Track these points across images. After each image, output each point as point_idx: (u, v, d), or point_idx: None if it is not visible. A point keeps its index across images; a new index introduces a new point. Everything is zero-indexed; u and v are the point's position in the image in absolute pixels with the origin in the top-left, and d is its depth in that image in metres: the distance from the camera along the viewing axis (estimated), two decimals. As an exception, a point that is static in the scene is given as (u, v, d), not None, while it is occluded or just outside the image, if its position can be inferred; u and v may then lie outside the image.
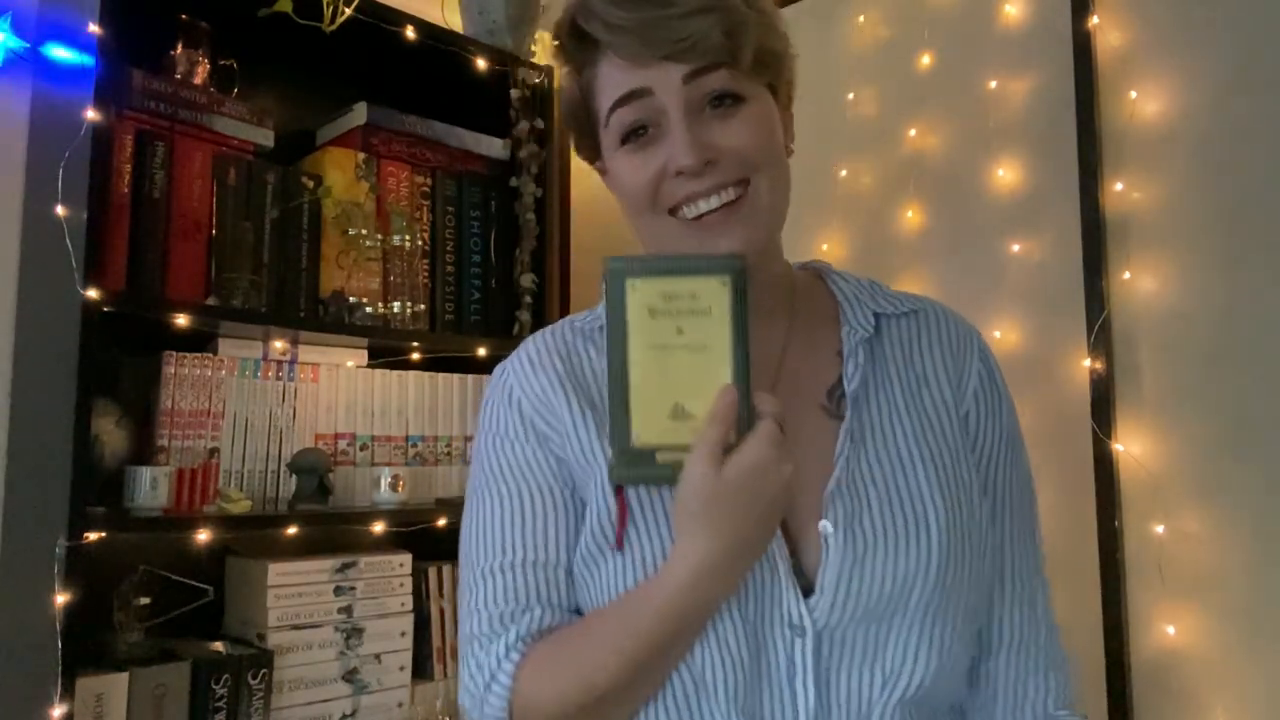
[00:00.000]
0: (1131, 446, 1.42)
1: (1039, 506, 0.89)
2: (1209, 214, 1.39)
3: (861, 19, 1.80)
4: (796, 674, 0.74)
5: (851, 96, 1.79)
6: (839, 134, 1.77)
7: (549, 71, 1.97)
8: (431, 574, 1.72)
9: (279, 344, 1.62)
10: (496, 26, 1.91)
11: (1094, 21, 1.50)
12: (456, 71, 1.87)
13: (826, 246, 1.78)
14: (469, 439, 1.85)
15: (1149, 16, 1.46)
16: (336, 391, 1.69)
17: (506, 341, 1.84)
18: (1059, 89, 1.53)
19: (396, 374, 1.77)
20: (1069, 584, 1.36)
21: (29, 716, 1.26)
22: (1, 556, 1.42)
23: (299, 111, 1.81)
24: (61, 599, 1.24)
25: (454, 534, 1.66)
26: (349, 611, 1.59)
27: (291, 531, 1.57)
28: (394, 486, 1.65)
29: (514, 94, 1.91)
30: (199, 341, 1.54)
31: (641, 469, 0.69)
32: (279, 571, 1.52)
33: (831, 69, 1.79)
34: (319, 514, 1.56)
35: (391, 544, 1.70)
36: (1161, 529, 1.39)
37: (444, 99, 1.90)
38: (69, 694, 1.23)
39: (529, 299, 1.89)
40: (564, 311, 2.13)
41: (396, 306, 1.74)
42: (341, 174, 1.69)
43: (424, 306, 1.78)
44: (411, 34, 1.76)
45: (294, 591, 1.53)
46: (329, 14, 1.63)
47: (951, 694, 0.80)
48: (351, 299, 1.68)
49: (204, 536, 1.41)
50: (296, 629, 1.52)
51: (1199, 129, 1.41)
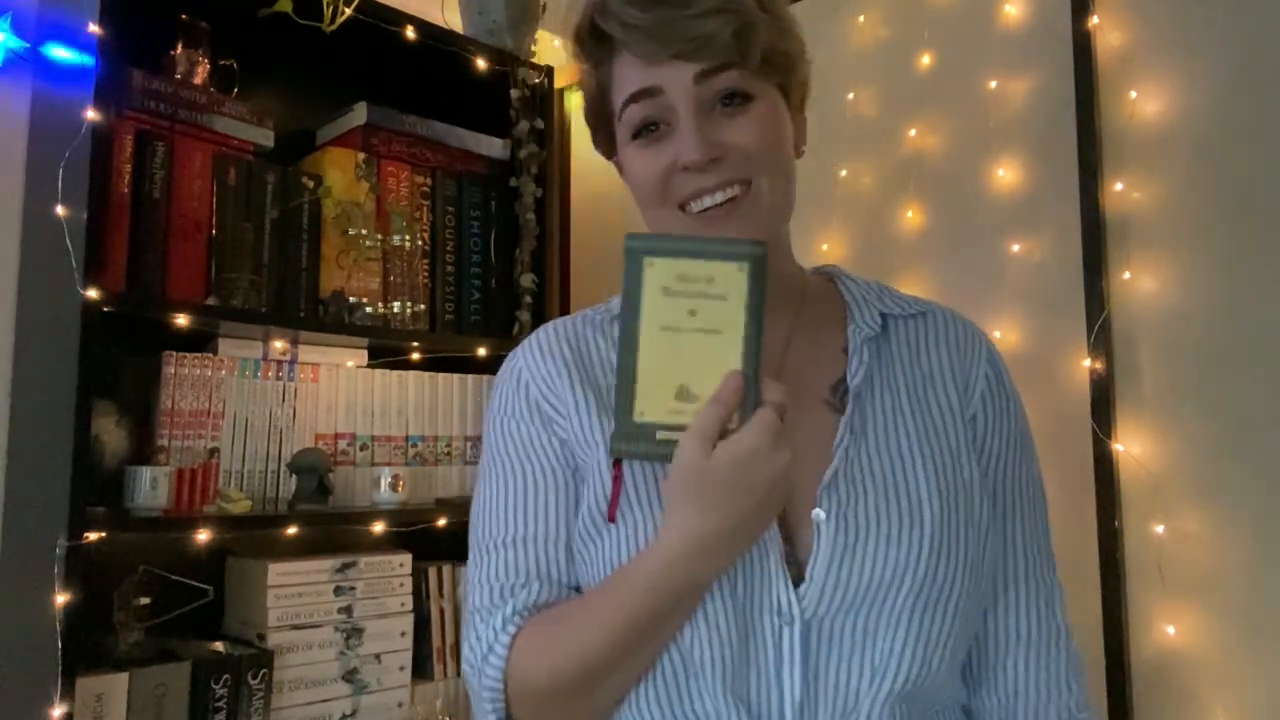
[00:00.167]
0: (1131, 446, 1.43)
1: (1046, 504, 0.90)
2: (1209, 214, 1.39)
3: (861, 19, 1.80)
4: (784, 662, 0.74)
5: (851, 96, 1.79)
6: (839, 134, 1.77)
7: (549, 71, 1.97)
8: (431, 574, 1.72)
9: (279, 344, 1.62)
10: (496, 26, 1.91)
11: (1094, 21, 1.50)
12: (456, 71, 1.87)
13: (826, 246, 1.78)
14: (469, 439, 1.85)
15: (1149, 16, 1.47)
16: (336, 391, 1.69)
17: (506, 341, 1.84)
18: (1059, 89, 1.53)
19: (396, 374, 1.77)
20: (1069, 584, 1.35)
21: (29, 716, 1.26)
22: (1, 556, 1.42)
23: (299, 111, 1.81)
24: (61, 599, 1.24)
25: (454, 534, 1.69)
26: (349, 611, 1.59)
27: (291, 531, 1.57)
28: (394, 486, 1.65)
29: (514, 94, 1.91)
30: (199, 341, 1.54)
31: (640, 445, 0.70)
32: (279, 571, 1.52)
33: (831, 69, 1.79)
34: (319, 514, 1.56)
35: (391, 544, 1.70)
36: (1161, 529, 1.39)
37: (444, 99, 1.90)
38: (69, 694, 1.23)
39: (529, 299, 1.89)
40: (564, 311, 2.13)
41: (396, 306, 1.74)
42: (341, 174, 1.69)
43: (424, 306, 1.78)
44: (411, 34, 1.76)
45: (294, 591, 1.53)
46: (329, 14, 1.63)
47: (945, 693, 0.80)
48: (351, 299, 1.68)
49: (204, 536, 1.41)
50: (296, 629, 1.52)
51: (1199, 129, 1.41)
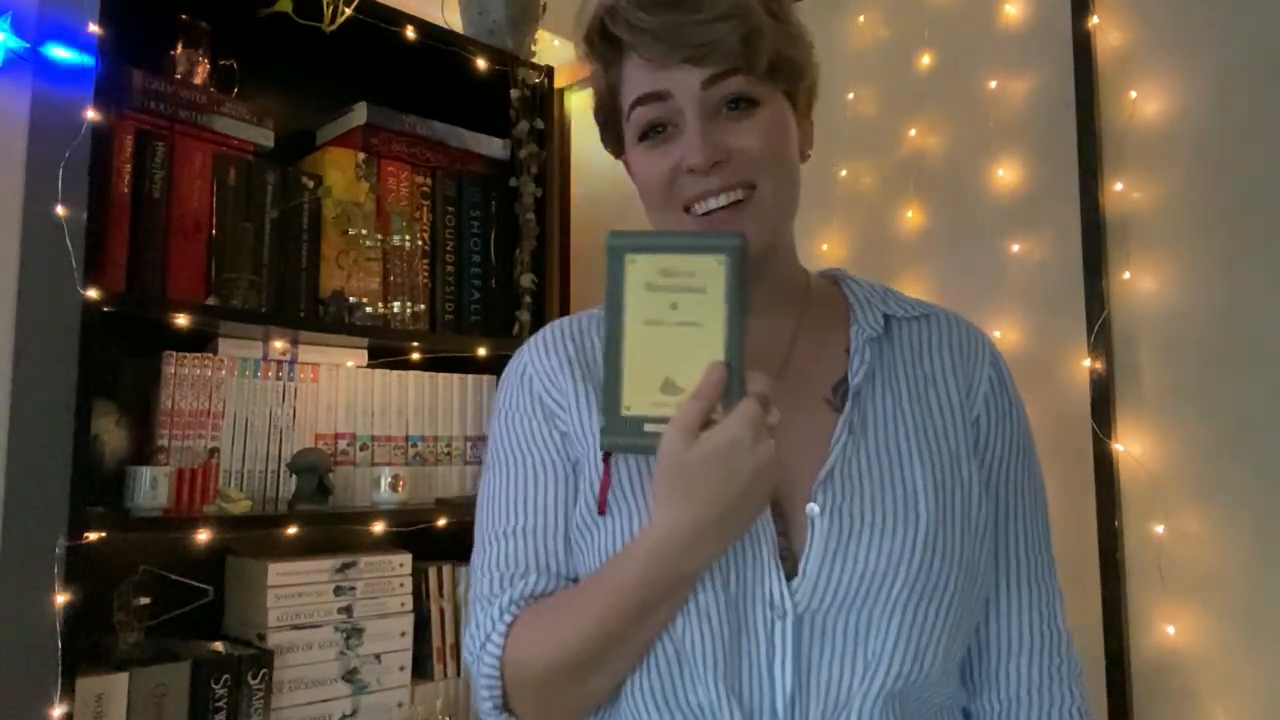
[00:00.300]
0: (1131, 446, 1.43)
1: (1048, 509, 0.90)
2: (1209, 214, 1.39)
3: (861, 19, 1.80)
4: (776, 655, 0.75)
5: (851, 96, 1.79)
6: (839, 134, 1.77)
7: (549, 71, 1.97)
8: (431, 574, 1.72)
9: (279, 344, 1.62)
10: (496, 26, 1.91)
11: (1094, 21, 1.50)
12: (456, 71, 1.87)
13: (826, 246, 1.78)
14: (469, 439, 1.85)
15: (1149, 16, 1.46)
16: (336, 391, 1.69)
17: (506, 341, 1.84)
18: (1059, 89, 1.53)
19: (396, 374, 1.77)
20: (1069, 584, 1.35)
21: (29, 716, 1.26)
22: (1, 556, 1.43)
23: (299, 111, 1.81)
24: (61, 599, 1.24)
25: (454, 534, 1.69)
26: (349, 611, 1.59)
27: (291, 531, 1.57)
28: (394, 486, 1.65)
29: (514, 94, 1.91)
30: (199, 341, 1.54)
31: (628, 438, 0.71)
32: (279, 571, 1.52)
33: (831, 69, 1.77)
34: (319, 514, 1.56)
35: (391, 544, 1.70)
36: (1161, 529, 1.39)
37: (444, 99, 1.90)
38: (69, 694, 1.23)
39: (529, 299, 1.89)
40: (564, 311, 2.13)
41: (396, 306, 1.74)
42: (341, 174, 1.69)
43: (424, 306, 1.78)
44: (411, 34, 1.76)
45: (294, 591, 1.53)
46: (329, 14, 1.63)
47: (941, 694, 0.80)
48: (351, 299, 1.68)
49: (204, 536, 1.41)
50: (296, 629, 1.52)
51: (1199, 129, 1.41)
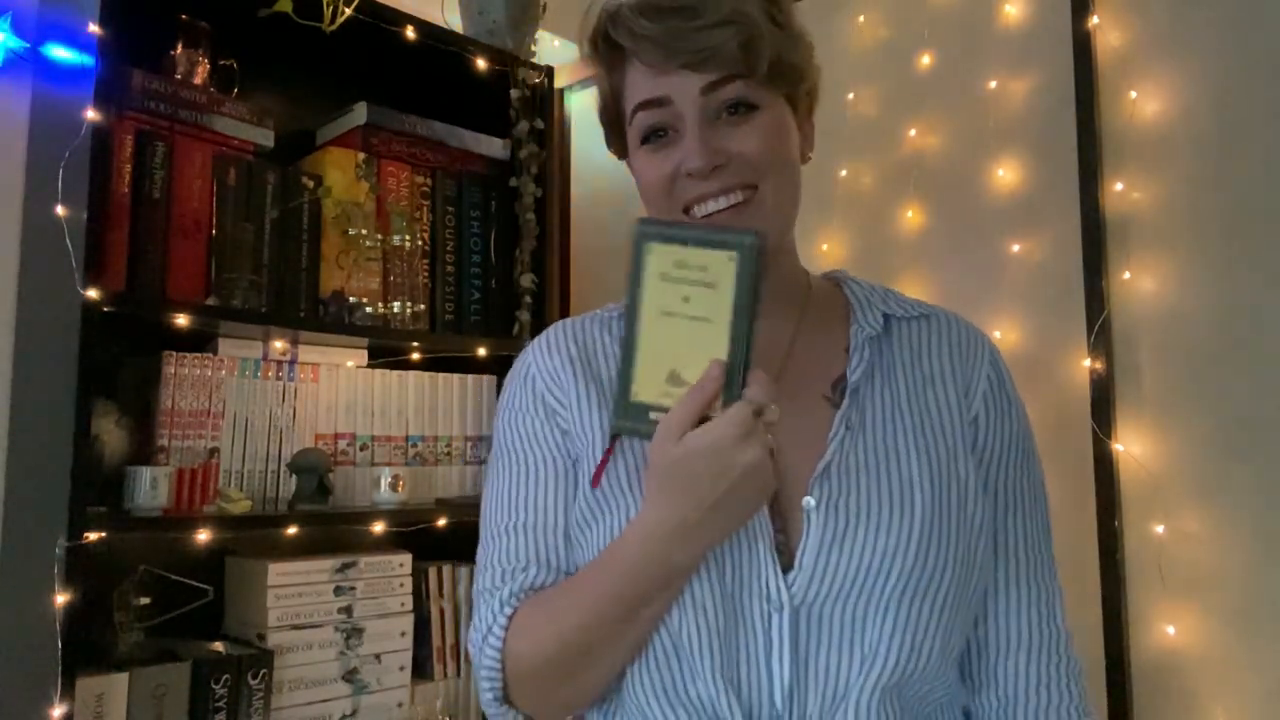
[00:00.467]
0: (1131, 446, 1.43)
1: (1048, 509, 0.90)
2: (1209, 214, 1.39)
3: (861, 19, 1.80)
4: (773, 648, 0.76)
5: (851, 96, 1.79)
6: (839, 134, 1.77)
7: (549, 71, 1.97)
8: (431, 574, 1.72)
9: (279, 344, 1.62)
10: (496, 26, 1.91)
11: (1094, 21, 1.50)
12: (456, 71, 1.87)
13: (826, 246, 1.78)
14: (469, 439, 1.85)
15: (1149, 16, 1.47)
16: (336, 391, 1.69)
17: (506, 341, 1.84)
18: (1059, 89, 1.53)
19: (396, 374, 1.77)
20: (1069, 584, 1.35)
21: (29, 716, 1.26)
22: (1, 556, 1.42)
23: (299, 111, 1.81)
24: (61, 599, 1.24)
25: (454, 534, 1.69)
26: (349, 611, 1.59)
27: (291, 531, 1.57)
28: (394, 486, 1.65)
29: (514, 94, 1.91)
30: (199, 341, 1.54)
31: (634, 423, 0.72)
32: (279, 571, 1.52)
33: (831, 69, 1.77)
34: (319, 514, 1.56)
35: (391, 544, 1.70)
36: (1161, 529, 1.39)
37: (444, 99, 1.90)
38: (69, 694, 1.23)
39: (529, 299, 1.89)
40: (564, 311, 2.13)
41: (396, 306, 1.74)
42: (341, 174, 1.69)
43: (424, 306, 1.78)
44: (411, 34, 1.76)
45: (294, 591, 1.53)
46: (329, 14, 1.63)
47: (939, 689, 0.80)
48: (351, 299, 1.67)
49: (204, 536, 1.41)
50: (296, 629, 1.52)
51: (1199, 129, 1.41)
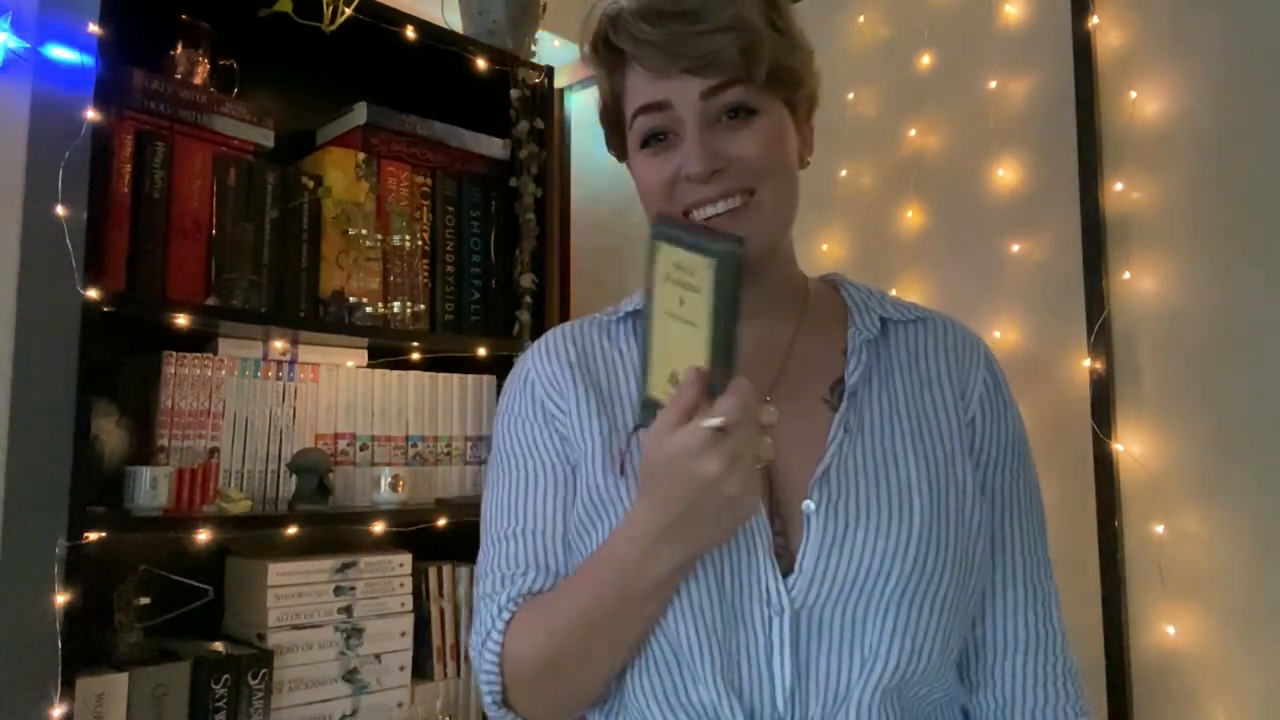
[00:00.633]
0: (1131, 446, 1.43)
1: (1044, 510, 0.90)
2: (1209, 214, 1.39)
3: (861, 19, 1.80)
4: (774, 652, 0.76)
5: (851, 96, 1.79)
6: (839, 134, 1.77)
7: (549, 71, 1.97)
8: (431, 574, 1.72)
9: (279, 344, 1.62)
10: (496, 26, 1.91)
11: (1094, 21, 1.50)
12: (456, 71, 1.87)
13: (826, 246, 1.78)
14: (469, 439, 1.85)
15: (1149, 16, 1.47)
16: (336, 391, 1.69)
17: (506, 341, 1.84)
18: (1059, 89, 1.53)
19: (396, 374, 1.77)
20: (1069, 584, 1.35)
21: (29, 716, 1.26)
22: (1, 556, 1.42)
23: (299, 111, 1.81)
24: (61, 599, 1.24)
25: (454, 534, 1.69)
26: (349, 611, 1.59)
27: (291, 531, 1.57)
28: (394, 486, 1.65)
29: (514, 94, 1.91)
30: (199, 341, 1.54)
31: (647, 419, 0.73)
32: (279, 571, 1.52)
33: (831, 69, 1.77)
34: (319, 514, 1.56)
35: (391, 544, 1.70)
36: (1161, 529, 1.39)
37: (444, 99, 1.90)
38: (69, 694, 1.23)
39: (529, 299, 1.89)
40: (564, 311, 2.13)
41: (396, 306, 1.74)
42: (341, 174, 1.69)
43: (424, 306, 1.78)
44: (411, 34, 1.76)
45: (294, 591, 1.53)
46: (329, 14, 1.63)
47: (939, 690, 0.81)
48: (351, 299, 1.67)
49: (204, 536, 1.41)
50: (296, 629, 1.52)
51: (1199, 129, 1.41)
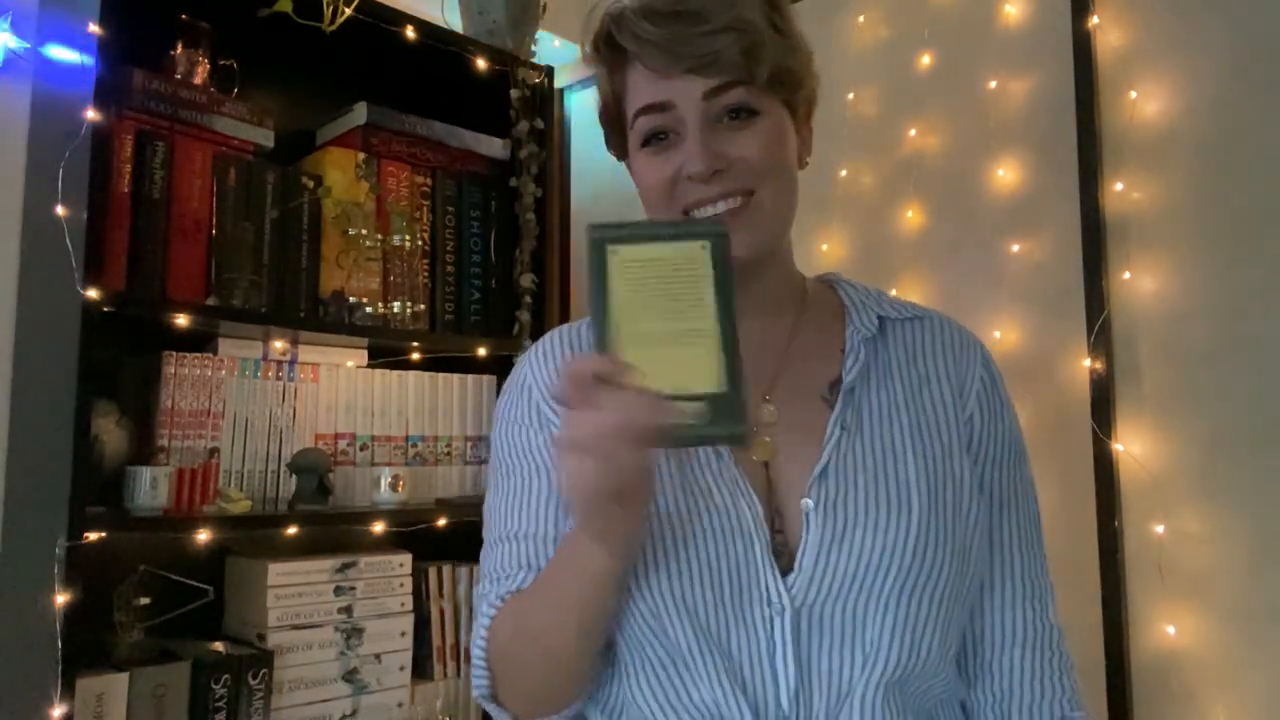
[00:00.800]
0: (1131, 446, 1.43)
1: (1039, 507, 0.91)
2: (1209, 214, 1.39)
3: (861, 19, 1.80)
4: (776, 651, 0.76)
5: (851, 96, 1.79)
6: (839, 134, 1.77)
7: (549, 71, 1.97)
8: (431, 574, 1.72)
9: (279, 344, 1.62)
10: (496, 26, 1.91)
11: (1094, 21, 1.50)
12: (456, 71, 1.87)
13: (826, 246, 1.78)
14: (469, 439, 1.85)
15: (1149, 16, 1.47)
16: (336, 391, 1.69)
17: (506, 341, 1.84)
18: (1059, 89, 1.53)
19: (396, 374, 1.77)
20: (1069, 584, 1.35)
21: (29, 716, 1.26)
22: (1, 556, 1.42)
23: (299, 111, 1.81)
24: (61, 599, 1.24)
25: (454, 534, 1.69)
26: (349, 611, 1.59)
27: (291, 531, 1.57)
28: (394, 486, 1.65)
29: (514, 94, 1.90)
30: (199, 341, 1.54)
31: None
32: (279, 571, 1.52)
33: (831, 69, 1.78)
34: (319, 514, 1.56)
35: (391, 544, 1.70)
36: (1161, 529, 1.39)
37: (444, 99, 1.90)
38: (69, 694, 1.23)
39: (529, 299, 1.89)
40: (564, 311, 2.14)
41: (396, 306, 1.74)
42: (341, 174, 1.69)
43: (424, 306, 1.78)
44: (411, 34, 1.76)
45: (294, 591, 1.53)
46: (329, 14, 1.63)
47: (939, 684, 0.81)
48: (351, 299, 1.67)
49: (204, 536, 1.41)
50: (296, 629, 1.52)
51: (1199, 129, 1.41)
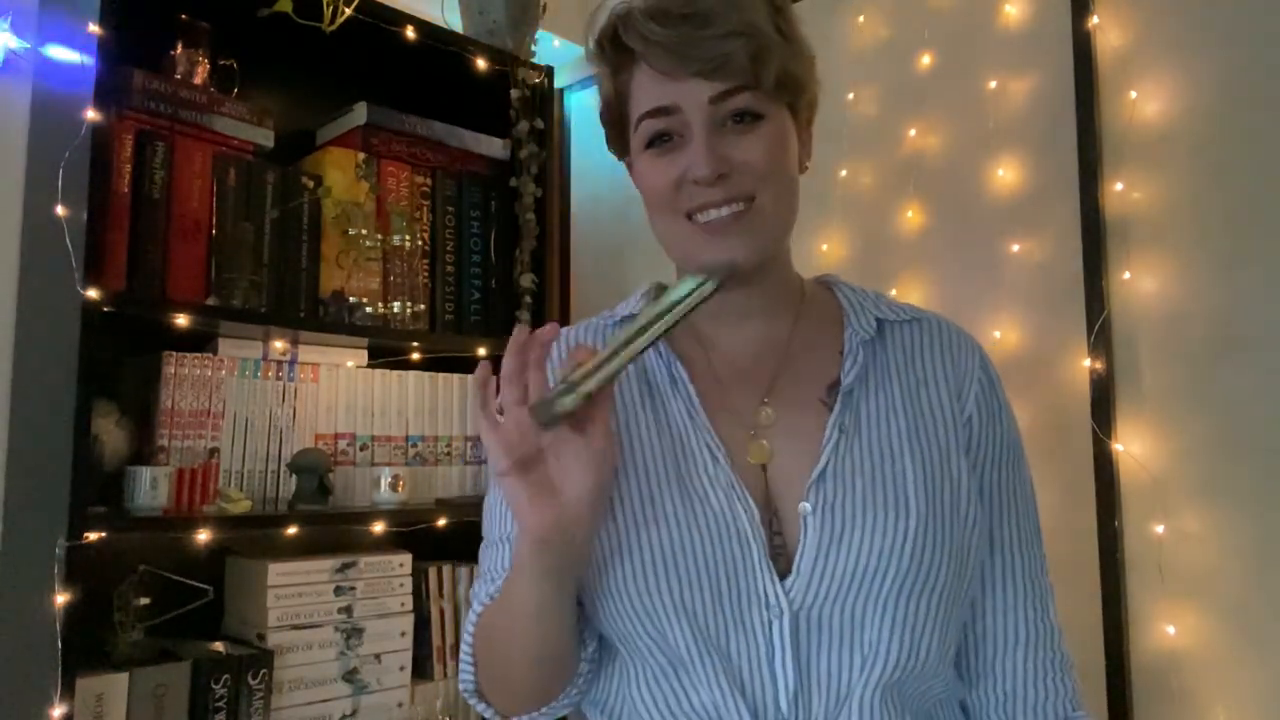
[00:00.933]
0: (1131, 446, 1.43)
1: (1038, 507, 0.91)
2: (1209, 214, 1.39)
3: (861, 19, 1.80)
4: (775, 653, 0.76)
5: (851, 96, 1.79)
6: (839, 134, 1.77)
7: (549, 71, 1.97)
8: (431, 574, 1.72)
9: (279, 344, 1.62)
10: (496, 26, 1.91)
11: (1094, 21, 1.50)
12: (456, 71, 1.87)
13: (826, 246, 1.78)
14: (469, 439, 1.85)
15: (1149, 16, 1.47)
16: (336, 391, 1.69)
17: (506, 341, 1.83)
18: (1059, 89, 1.53)
19: (396, 374, 1.77)
20: (1069, 584, 1.35)
21: (29, 716, 1.26)
22: (1, 556, 1.42)
23: (299, 111, 1.81)
24: (61, 599, 1.24)
25: (454, 534, 1.69)
26: (349, 611, 1.59)
27: (291, 531, 1.57)
28: (394, 486, 1.65)
29: (514, 94, 1.90)
30: (199, 341, 1.54)
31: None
32: (279, 571, 1.52)
33: (831, 69, 1.79)
34: (319, 514, 1.56)
35: (391, 544, 1.70)
36: (1161, 529, 1.39)
37: (444, 99, 1.90)
38: (69, 694, 1.23)
39: (529, 299, 1.89)
40: (564, 311, 2.13)
41: (396, 306, 1.74)
42: (341, 174, 1.69)
43: (424, 306, 1.78)
44: (411, 34, 1.76)
45: (294, 591, 1.53)
46: (329, 14, 1.63)
47: (938, 685, 0.81)
48: (351, 299, 1.67)
49: (204, 536, 1.41)
50: (296, 629, 1.52)
51: (1199, 129, 1.41)
